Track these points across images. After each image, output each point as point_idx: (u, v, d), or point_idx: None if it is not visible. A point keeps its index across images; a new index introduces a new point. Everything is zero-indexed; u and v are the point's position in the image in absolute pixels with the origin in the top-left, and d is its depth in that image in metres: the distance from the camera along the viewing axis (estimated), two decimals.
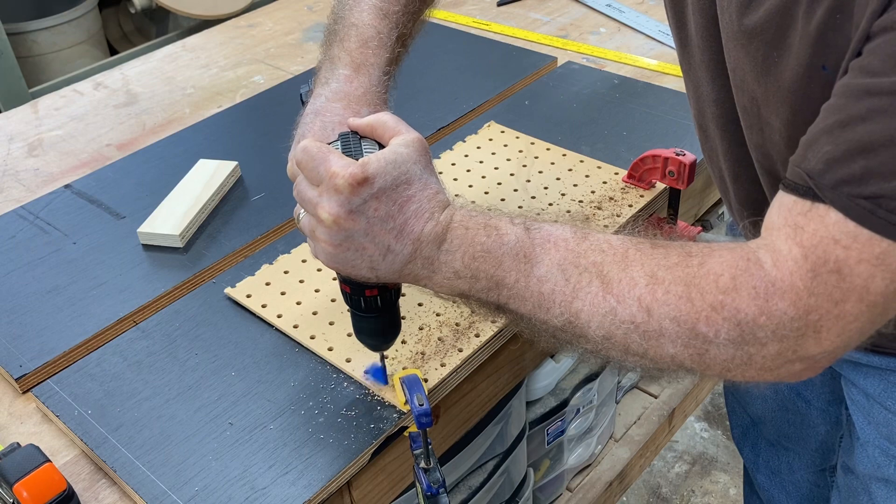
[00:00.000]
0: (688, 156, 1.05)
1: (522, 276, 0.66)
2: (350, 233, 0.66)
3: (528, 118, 1.31)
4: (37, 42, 2.52)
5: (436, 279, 0.68)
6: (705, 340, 0.60)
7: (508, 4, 1.78)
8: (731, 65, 0.74)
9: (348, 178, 0.64)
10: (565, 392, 1.44)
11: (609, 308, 0.63)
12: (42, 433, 0.89)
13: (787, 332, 0.58)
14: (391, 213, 0.66)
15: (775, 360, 0.60)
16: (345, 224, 0.66)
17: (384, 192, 0.65)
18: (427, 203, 0.67)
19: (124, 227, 1.14)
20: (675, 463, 2.04)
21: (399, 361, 0.89)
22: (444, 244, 0.67)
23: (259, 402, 0.87)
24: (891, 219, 0.54)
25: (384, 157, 0.66)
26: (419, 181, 0.67)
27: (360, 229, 0.66)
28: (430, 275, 0.68)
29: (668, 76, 1.44)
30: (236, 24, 1.81)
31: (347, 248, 0.67)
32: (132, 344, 0.96)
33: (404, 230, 0.66)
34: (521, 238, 0.67)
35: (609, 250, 0.65)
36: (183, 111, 1.48)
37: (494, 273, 0.66)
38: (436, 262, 0.67)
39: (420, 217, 0.67)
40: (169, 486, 0.79)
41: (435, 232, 0.67)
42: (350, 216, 0.65)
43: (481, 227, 0.67)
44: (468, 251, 0.67)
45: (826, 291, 0.56)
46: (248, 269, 1.03)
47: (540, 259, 0.65)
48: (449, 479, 1.22)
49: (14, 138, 1.44)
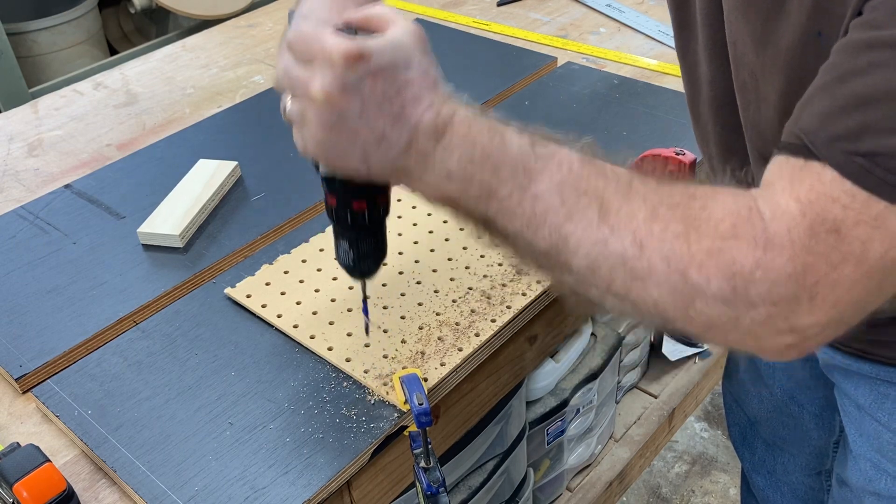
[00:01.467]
0: (688, 155, 1.05)
1: (517, 189, 0.61)
2: (343, 113, 0.60)
3: (528, 118, 1.30)
4: (37, 42, 2.52)
5: (426, 178, 0.63)
6: (694, 289, 0.56)
7: (508, 4, 1.78)
8: (731, 38, 0.72)
9: (344, 52, 0.58)
10: (565, 392, 1.44)
11: (601, 237, 0.58)
12: (42, 433, 0.89)
13: (781, 293, 0.54)
14: (388, 95, 0.60)
15: (764, 325, 0.56)
16: (338, 102, 0.60)
17: (382, 71, 0.60)
18: (427, 92, 0.62)
19: (124, 227, 1.14)
20: (675, 463, 2.04)
21: (399, 361, 0.89)
22: (444, 139, 0.62)
23: (259, 402, 0.87)
24: (888, 178, 0.51)
25: (383, 38, 0.61)
26: (419, 67, 0.62)
27: (354, 109, 0.60)
28: (422, 173, 0.63)
29: (668, 76, 1.44)
30: (236, 24, 1.81)
31: (339, 131, 0.61)
32: (132, 344, 0.96)
33: (402, 116, 0.61)
34: (524, 150, 0.62)
35: (613, 178, 0.60)
36: (183, 111, 1.48)
37: (489, 181, 0.61)
38: (430, 158, 0.62)
39: (419, 104, 0.61)
40: (169, 486, 0.79)
41: (434, 124, 0.61)
42: (344, 93, 0.59)
43: (485, 130, 0.62)
44: (466, 152, 0.61)
45: (824, 252, 0.53)
46: (248, 269, 1.03)
47: (539, 175, 0.61)
48: (449, 479, 1.22)
49: (14, 138, 1.44)
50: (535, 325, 1.03)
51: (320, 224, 1.10)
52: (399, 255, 1.04)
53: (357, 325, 0.93)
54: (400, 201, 1.13)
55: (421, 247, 1.05)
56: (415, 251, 1.04)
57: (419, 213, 1.11)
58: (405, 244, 1.05)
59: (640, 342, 1.72)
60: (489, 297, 0.96)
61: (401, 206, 1.12)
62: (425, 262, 1.02)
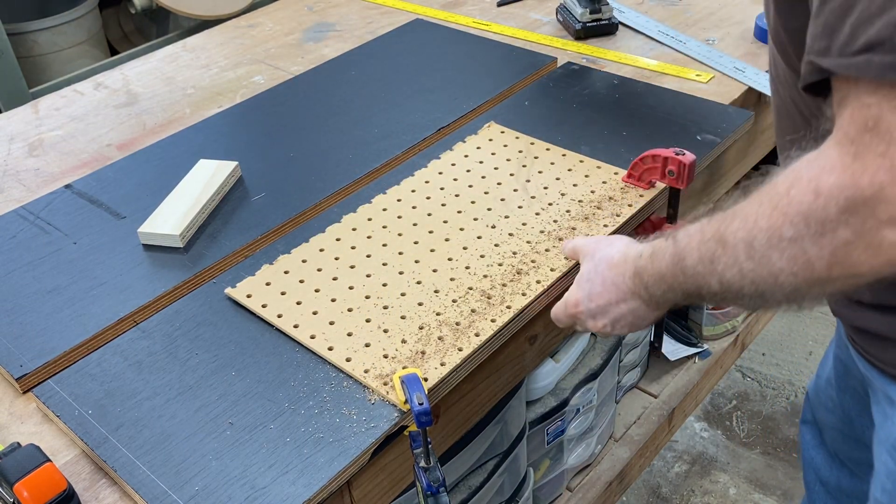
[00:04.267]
0: (687, 155, 1.05)
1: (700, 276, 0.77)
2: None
3: (528, 118, 1.31)
4: (37, 42, 2.52)
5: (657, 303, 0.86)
6: (792, 241, 0.63)
7: (508, 4, 1.78)
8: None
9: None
10: (565, 392, 1.44)
11: (726, 255, 0.70)
12: (42, 433, 0.89)
13: (847, 206, 0.59)
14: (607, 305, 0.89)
15: (857, 241, 0.60)
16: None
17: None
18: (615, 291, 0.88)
19: (124, 227, 1.14)
20: (674, 463, 2.04)
21: (399, 360, 0.89)
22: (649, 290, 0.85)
23: (259, 402, 0.87)
24: (885, 61, 0.55)
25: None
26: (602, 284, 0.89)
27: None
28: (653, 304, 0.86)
29: (667, 76, 1.44)
30: (236, 24, 1.81)
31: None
32: (132, 344, 0.96)
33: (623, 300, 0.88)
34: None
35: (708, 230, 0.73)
36: (183, 111, 1.48)
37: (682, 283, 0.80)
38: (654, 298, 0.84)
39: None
40: (169, 486, 0.79)
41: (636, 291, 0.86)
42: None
43: (663, 264, 0.81)
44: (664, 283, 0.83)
45: (870, 149, 0.57)
46: (248, 269, 1.04)
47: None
48: (449, 478, 1.22)
49: (14, 138, 1.44)
50: (535, 325, 1.03)
51: (320, 224, 1.10)
52: (399, 255, 1.04)
53: (357, 325, 0.94)
54: (400, 201, 1.13)
55: (421, 247, 1.05)
56: (415, 251, 1.04)
57: (419, 214, 1.11)
58: (405, 244, 1.05)
59: (639, 342, 1.72)
60: (489, 297, 0.97)
61: (401, 206, 1.12)
62: (425, 262, 1.02)
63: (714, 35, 1.57)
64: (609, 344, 1.53)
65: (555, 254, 1.02)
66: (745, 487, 1.95)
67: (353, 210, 1.12)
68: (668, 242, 0.79)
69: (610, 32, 1.60)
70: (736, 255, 0.68)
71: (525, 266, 1.01)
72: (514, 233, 1.06)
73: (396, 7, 1.81)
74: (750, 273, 0.68)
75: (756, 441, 2.06)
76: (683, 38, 1.55)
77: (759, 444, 2.05)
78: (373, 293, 0.98)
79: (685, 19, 1.64)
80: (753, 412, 2.14)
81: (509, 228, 1.07)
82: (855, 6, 0.57)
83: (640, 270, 0.82)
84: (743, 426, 2.11)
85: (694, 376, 1.80)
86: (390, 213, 1.11)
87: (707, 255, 0.72)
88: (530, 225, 1.07)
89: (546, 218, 1.08)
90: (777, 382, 2.22)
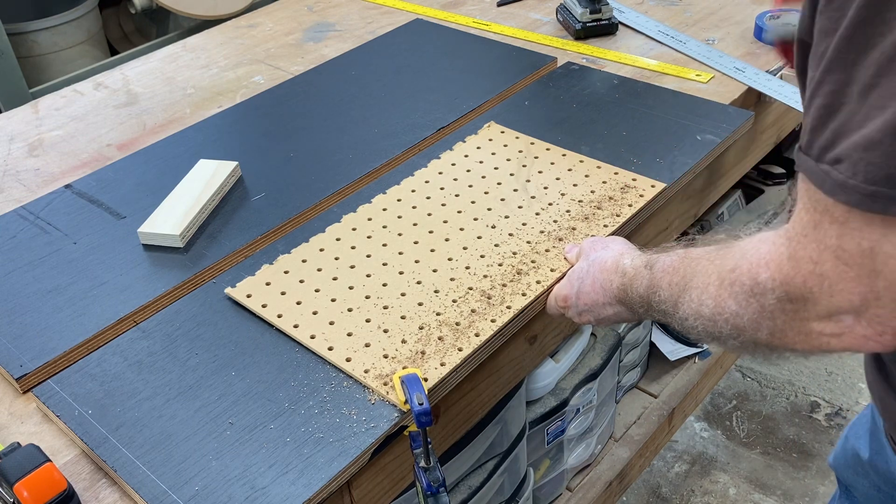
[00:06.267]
0: None
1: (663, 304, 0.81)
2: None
3: (528, 118, 1.31)
4: (37, 42, 2.52)
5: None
6: (735, 315, 0.67)
7: (508, 4, 1.78)
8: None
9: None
10: (565, 392, 1.44)
11: (691, 310, 0.73)
12: (42, 433, 0.89)
13: (781, 297, 0.62)
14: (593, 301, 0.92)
15: (789, 328, 0.63)
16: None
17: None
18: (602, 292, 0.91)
19: (124, 227, 1.14)
20: (674, 463, 2.04)
21: (399, 360, 0.89)
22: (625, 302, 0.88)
23: (259, 402, 0.87)
24: (838, 179, 0.56)
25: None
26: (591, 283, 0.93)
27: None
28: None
29: (667, 76, 1.44)
30: (236, 24, 1.81)
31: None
32: (132, 344, 0.96)
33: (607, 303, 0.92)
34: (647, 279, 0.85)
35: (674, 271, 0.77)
36: (183, 111, 1.48)
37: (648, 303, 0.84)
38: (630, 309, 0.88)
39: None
40: (169, 486, 0.79)
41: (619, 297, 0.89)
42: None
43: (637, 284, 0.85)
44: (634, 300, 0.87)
45: (806, 252, 0.59)
46: (248, 269, 1.04)
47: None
48: (449, 478, 1.22)
49: (14, 138, 1.44)
50: (535, 325, 1.03)
51: (320, 224, 1.10)
52: (399, 255, 1.04)
53: (357, 325, 0.94)
54: (400, 201, 1.13)
55: (421, 247, 1.05)
56: (415, 251, 1.04)
57: (419, 214, 1.11)
58: (405, 244, 1.05)
59: (639, 342, 1.72)
60: (489, 297, 0.97)
61: (401, 207, 1.12)
62: (425, 262, 1.02)
63: (714, 35, 1.57)
64: (609, 344, 1.54)
65: (555, 254, 1.02)
66: (745, 487, 1.95)
67: (353, 210, 1.12)
68: (646, 271, 0.82)
69: (610, 32, 1.60)
70: (693, 307, 0.72)
71: (525, 266, 1.01)
72: (514, 233, 1.06)
73: (396, 7, 1.81)
74: (704, 328, 0.71)
75: (756, 441, 2.06)
76: (683, 38, 1.55)
77: (759, 444, 2.05)
78: (373, 293, 0.98)
79: (685, 19, 1.65)
80: (753, 412, 2.14)
81: (509, 228, 1.07)
82: (836, 114, 0.57)
83: (625, 286, 0.86)
84: (743, 426, 2.11)
85: (694, 376, 1.80)
86: (390, 213, 1.11)
87: (672, 297, 0.76)
88: (530, 225, 1.07)
89: (546, 218, 1.08)
90: (777, 382, 2.22)
